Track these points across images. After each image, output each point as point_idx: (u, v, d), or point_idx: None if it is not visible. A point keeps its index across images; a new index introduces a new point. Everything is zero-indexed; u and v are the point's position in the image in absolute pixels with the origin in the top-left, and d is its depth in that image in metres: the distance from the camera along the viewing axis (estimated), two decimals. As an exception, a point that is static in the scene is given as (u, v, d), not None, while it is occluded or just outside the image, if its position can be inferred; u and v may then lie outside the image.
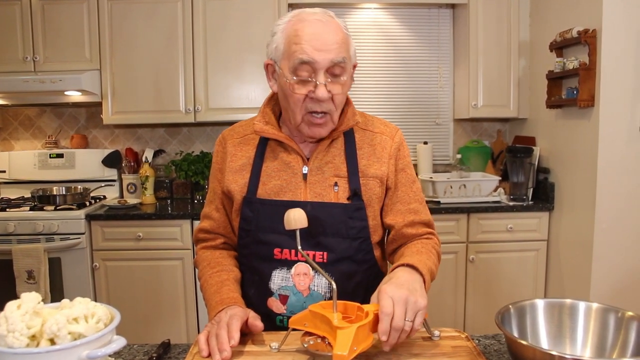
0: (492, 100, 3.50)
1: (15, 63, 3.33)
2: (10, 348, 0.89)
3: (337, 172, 1.35)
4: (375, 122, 1.45)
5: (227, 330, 1.12)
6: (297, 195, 1.34)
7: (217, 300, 1.28)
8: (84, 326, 0.96)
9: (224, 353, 1.07)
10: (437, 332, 1.17)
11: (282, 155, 1.37)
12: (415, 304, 1.06)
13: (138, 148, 3.80)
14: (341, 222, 1.33)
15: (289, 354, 1.10)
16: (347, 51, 1.28)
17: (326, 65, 1.24)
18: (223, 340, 1.09)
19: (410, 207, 1.40)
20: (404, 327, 1.03)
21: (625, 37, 2.67)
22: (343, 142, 1.38)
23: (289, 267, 1.33)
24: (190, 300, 3.16)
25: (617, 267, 2.79)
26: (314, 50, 1.23)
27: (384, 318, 1.02)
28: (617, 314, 1.07)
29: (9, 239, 3.04)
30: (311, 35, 1.24)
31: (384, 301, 1.04)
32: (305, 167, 1.36)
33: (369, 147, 1.39)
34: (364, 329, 1.01)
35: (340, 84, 1.27)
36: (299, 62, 1.23)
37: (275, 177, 1.36)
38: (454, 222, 3.19)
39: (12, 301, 0.96)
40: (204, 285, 1.38)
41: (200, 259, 1.46)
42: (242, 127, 1.47)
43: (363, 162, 1.37)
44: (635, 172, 2.74)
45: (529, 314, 1.13)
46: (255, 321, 1.18)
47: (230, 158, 1.41)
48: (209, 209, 1.48)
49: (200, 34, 3.36)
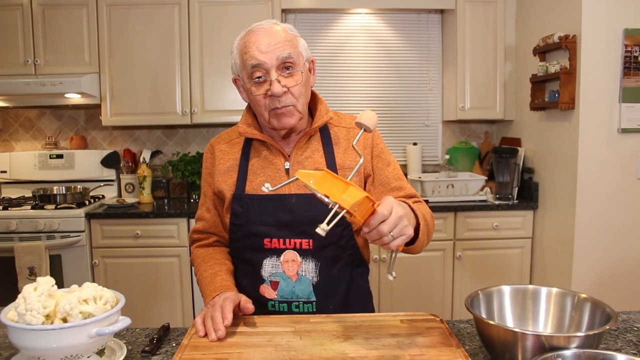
0: (479, 103, 3.63)
1: (16, 66, 3.43)
2: (29, 325, 1.00)
3: (317, 166, 1.47)
4: (347, 119, 1.57)
5: (221, 312, 1.23)
6: (282, 189, 1.45)
7: (211, 289, 1.40)
8: (93, 307, 1.07)
9: (218, 332, 1.19)
10: (394, 274, 1.19)
11: (265, 154, 1.50)
12: (405, 228, 1.14)
13: (136, 149, 3.90)
14: (323, 211, 1.44)
15: (274, 332, 1.21)
16: (293, 47, 1.40)
17: (274, 63, 1.37)
18: (218, 321, 1.21)
19: (392, 186, 1.52)
20: (385, 236, 1.11)
21: (603, 42, 2.79)
22: (320, 138, 1.51)
23: (278, 255, 1.45)
24: (186, 295, 3.27)
25: (597, 263, 2.91)
26: (259, 53, 1.37)
27: (377, 216, 1.10)
28: (574, 296, 1.19)
29: (11, 236, 3.14)
30: (257, 42, 1.38)
31: (386, 204, 1.12)
32: (287, 163, 1.48)
33: (345, 141, 1.51)
34: (367, 203, 1.09)
35: (293, 76, 1.40)
36: (251, 66, 1.38)
37: (260, 173, 1.48)
38: (442, 221, 3.31)
39: (29, 284, 1.07)
40: (199, 279, 1.50)
41: (195, 257, 1.58)
42: (227, 134, 1.60)
43: (340, 156, 1.49)
44: (614, 172, 2.87)
45: (496, 299, 1.24)
46: (246, 304, 1.30)
47: (219, 162, 1.54)
48: (201, 212, 1.61)
49: (196, 39, 3.47)
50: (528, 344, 1.00)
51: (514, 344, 1.02)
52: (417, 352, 1.10)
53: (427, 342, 1.15)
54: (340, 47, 3.89)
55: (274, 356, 1.09)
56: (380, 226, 1.10)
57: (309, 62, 1.48)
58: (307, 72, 1.45)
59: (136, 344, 1.25)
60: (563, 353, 0.97)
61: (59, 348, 1.01)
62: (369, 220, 1.11)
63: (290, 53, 1.38)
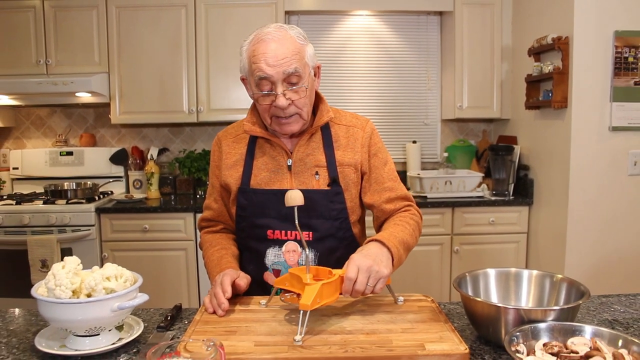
0: (476, 102, 3.73)
1: (29, 66, 3.56)
2: (58, 299, 1.12)
3: (317, 163, 1.57)
4: (347, 117, 1.66)
5: (222, 287, 1.35)
6: (284, 185, 1.56)
7: (217, 270, 1.52)
8: (114, 283, 1.19)
9: (222, 305, 1.31)
10: (401, 298, 1.39)
11: (269, 151, 1.60)
12: (378, 273, 1.29)
13: (143, 146, 4.02)
14: (323, 205, 1.55)
15: (273, 310, 1.34)
16: (299, 60, 1.44)
17: (281, 77, 1.42)
18: (219, 296, 1.33)
19: (385, 185, 1.62)
20: (364, 291, 1.27)
21: (594, 44, 2.90)
22: (321, 136, 1.60)
23: (280, 245, 1.56)
24: (192, 288, 3.39)
25: (588, 255, 3.02)
26: (267, 66, 1.41)
27: (347, 282, 1.25)
28: (552, 277, 1.30)
29: (24, 230, 3.26)
30: (265, 54, 1.41)
31: (350, 267, 1.27)
32: (289, 160, 1.58)
33: (344, 139, 1.61)
34: (329, 287, 1.24)
35: (297, 92, 1.46)
36: (258, 78, 1.43)
37: (264, 169, 1.59)
38: (440, 216, 3.42)
39: (57, 263, 1.18)
40: (206, 262, 1.62)
41: (203, 241, 1.70)
42: (233, 129, 1.70)
43: (339, 153, 1.58)
44: (605, 169, 2.97)
45: (482, 280, 1.36)
46: (239, 281, 1.41)
47: (225, 156, 1.64)
48: (209, 201, 1.72)
49: (202, 40, 3.58)
50: (510, 318, 1.11)
51: (497, 318, 1.13)
52: (408, 327, 1.21)
53: (417, 318, 1.26)
54: (342, 47, 4.00)
55: (278, 329, 1.20)
56: (355, 287, 1.26)
57: (315, 69, 1.55)
58: (312, 78, 1.52)
59: (151, 322, 1.36)
60: (538, 325, 1.08)
61: (85, 320, 1.13)
62: (342, 288, 1.27)
63: (296, 67, 1.42)
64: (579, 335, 1.06)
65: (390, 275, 1.34)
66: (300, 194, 1.34)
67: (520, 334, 1.05)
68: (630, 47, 2.87)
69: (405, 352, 1.07)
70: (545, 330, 1.08)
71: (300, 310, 1.18)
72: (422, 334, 1.16)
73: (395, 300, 1.39)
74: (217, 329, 1.21)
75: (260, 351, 1.09)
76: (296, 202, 1.33)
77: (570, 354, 1.00)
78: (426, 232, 3.39)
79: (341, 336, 1.16)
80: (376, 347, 1.09)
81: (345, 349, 1.09)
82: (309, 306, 1.16)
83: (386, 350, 1.08)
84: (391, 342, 1.12)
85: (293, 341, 1.13)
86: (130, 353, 1.17)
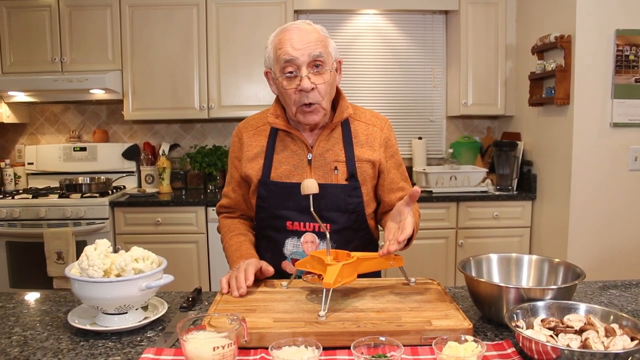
0: (480, 99, 3.81)
1: (44, 64, 3.66)
2: (91, 278, 1.21)
3: (337, 158, 1.64)
4: (366, 114, 1.73)
5: (245, 274, 1.43)
6: (304, 178, 1.61)
7: (237, 255, 1.60)
8: (142, 264, 1.27)
9: (240, 289, 1.38)
10: (413, 279, 1.48)
11: (290, 145, 1.66)
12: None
13: (155, 142, 4.11)
14: (341, 199, 1.63)
15: (294, 291, 1.42)
16: (324, 47, 1.52)
17: (306, 59, 1.49)
18: (240, 280, 1.41)
19: (399, 185, 1.71)
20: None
21: (596, 42, 2.97)
22: (341, 132, 1.66)
23: (299, 236, 1.63)
24: (204, 278, 3.49)
25: (590, 248, 3.09)
26: (293, 49, 1.49)
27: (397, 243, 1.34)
28: (551, 261, 1.39)
29: (40, 223, 3.36)
30: (291, 39, 1.50)
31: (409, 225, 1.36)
32: (309, 154, 1.64)
33: (364, 136, 1.67)
34: (349, 268, 1.33)
35: (321, 75, 1.53)
36: (284, 61, 1.50)
37: (285, 162, 1.65)
38: (445, 210, 3.50)
39: (90, 245, 1.27)
40: (225, 245, 1.71)
41: (222, 225, 1.79)
42: (254, 120, 1.75)
43: (358, 149, 1.65)
44: (606, 164, 3.04)
45: (484, 264, 1.44)
46: (267, 267, 1.50)
47: (247, 148, 1.70)
48: (227, 189, 1.79)
49: (213, 38, 3.67)
50: (511, 297, 1.20)
51: (499, 297, 1.22)
52: (415, 305, 1.29)
53: (424, 298, 1.34)
54: (350, 45, 4.08)
55: (295, 308, 1.29)
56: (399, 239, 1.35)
57: (337, 63, 1.61)
58: (334, 72, 1.59)
59: (174, 303, 1.45)
60: (537, 303, 1.16)
61: (115, 298, 1.22)
62: (399, 237, 1.34)
63: (321, 52, 1.50)
64: (574, 313, 1.14)
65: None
66: (315, 182, 1.42)
67: (520, 311, 1.14)
68: (631, 45, 2.95)
69: (413, 327, 1.15)
70: (543, 308, 1.16)
71: (323, 289, 1.26)
72: (429, 312, 1.24)
73: (408, 281, 1.47)
74: (238, 307, 1.30)
75: (279, 326, 1.17)
76: (311, 190, 1.41)
77: (565, 328, 1.08)
78: (431, 226, 3.47)
79: (354, 314, 1.24)
80: (386, 323, 1.18)
81: (357, 324, 1.17)
82: (332, 284, 1.25)
83: (395, 325, 1.17)
84: (400, 318, 1.20)
85: (317, 317, 1.21)
86: (156, 330, 1.26)
